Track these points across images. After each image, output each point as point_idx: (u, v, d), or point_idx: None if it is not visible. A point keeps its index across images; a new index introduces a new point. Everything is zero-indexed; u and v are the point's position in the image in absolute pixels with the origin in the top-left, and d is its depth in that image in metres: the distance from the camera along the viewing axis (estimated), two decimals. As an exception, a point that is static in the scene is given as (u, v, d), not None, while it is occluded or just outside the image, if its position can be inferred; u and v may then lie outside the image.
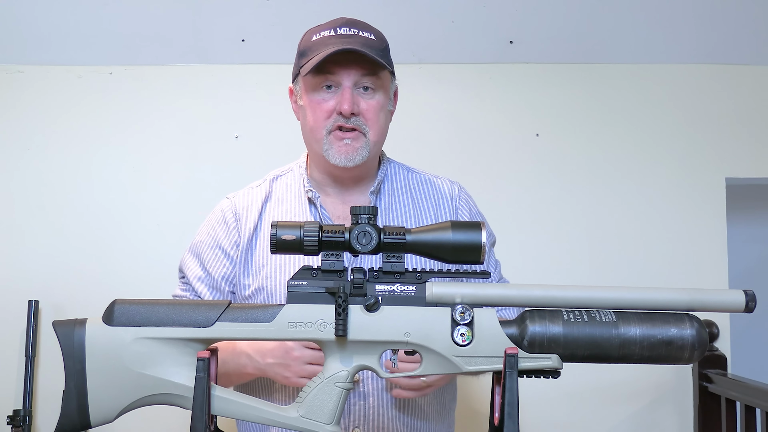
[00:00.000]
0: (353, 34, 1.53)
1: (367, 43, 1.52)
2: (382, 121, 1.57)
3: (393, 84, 1.62)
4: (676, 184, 2.66)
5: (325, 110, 1.53)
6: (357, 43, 1.51)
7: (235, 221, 1.60)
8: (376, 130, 1.55)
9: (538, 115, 2.67)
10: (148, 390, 1.11)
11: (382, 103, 1.56)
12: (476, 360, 1.10)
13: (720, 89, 2.69)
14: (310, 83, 1.54)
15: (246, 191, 1.66)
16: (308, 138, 1.59)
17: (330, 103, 1.53)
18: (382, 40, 1.57)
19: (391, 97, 1.61)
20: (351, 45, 1.50)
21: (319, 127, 1.54)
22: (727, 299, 1.14)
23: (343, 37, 1.52)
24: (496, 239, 1.75)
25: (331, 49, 1.49)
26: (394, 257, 1.13)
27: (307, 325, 1.11)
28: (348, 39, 1.51)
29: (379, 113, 1.56)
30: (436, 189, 1.66)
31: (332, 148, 1.53)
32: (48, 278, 2.55)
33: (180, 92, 2.64)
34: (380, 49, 1.55)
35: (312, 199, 1.60)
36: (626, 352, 1.10)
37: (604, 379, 2.54)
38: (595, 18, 2.60)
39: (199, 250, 1.63)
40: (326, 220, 1.58)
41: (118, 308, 1.12)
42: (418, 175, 1.69)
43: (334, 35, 1.52)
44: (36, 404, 2.51)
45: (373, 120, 1.54)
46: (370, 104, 1.54)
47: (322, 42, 1.52)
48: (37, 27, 2.54)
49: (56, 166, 2.60)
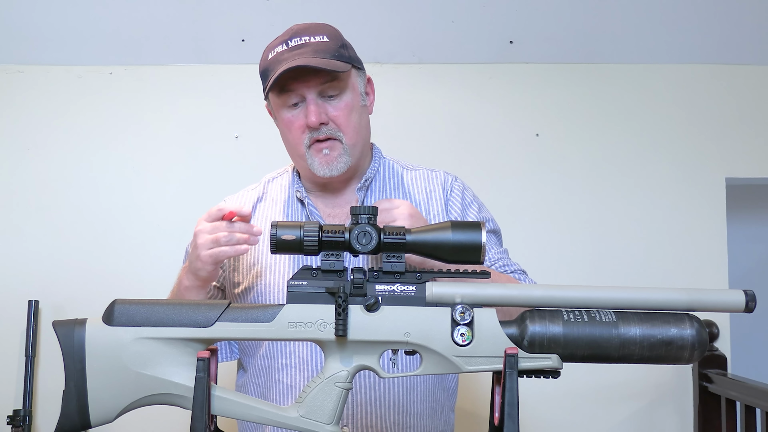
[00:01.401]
0: (304, 42, 1.50)
1: (320, 48, 1.50)
2: (355, 121, 1.54)
3: (361, 77, 1.59)
4: (676, 184, 2.66)
5: (297, 127, 1.53)
6: (308, 52, 1.48)
7: None
8: (351, 132, 1.53)
9: (538, 115, 2.67)
10: (148, 390, 1.11)
11: (352, 103, 1.54)
12: (476, 360, 1.10)
13: (720, 89, 2.69)
14: (277, 103, 1.55)
15: (241, 193, 1.68)
16: (292, 155, 1.60)
17: (300, 119, 1.52)
18: (336, 39, 1.54)
19: (362, 92, 1.58)
20: (301, 57, 1.47)
21: (298, 144, 1.54)
22: (727, 299, 1.14)
23: (294, 50, 1.50)
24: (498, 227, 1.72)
25: (283, 66, 1.47)
26: (394, 257, 1.13)
27: (307, 325, 1.11)
28: (299, 50, 1.49)
29: (350, 115, 1.53)
30: (428, 182, 1.65)
31: (314, 161, 1.53)
32: (48, 278, 2.55)
33: (180, 92, 2.64)
34: (335, 50, 1.51)
35: (302, 200, 1.60)
36: (626, 352, 1.10)
37: (604, 379, 2.54)
38: (595, 18, 2.60)
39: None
40: (316, 219, 1.58)
41: (118, 308, 1.12)
42: (411, 171, 1.67)
43: (286, 49, 1.50)
44: (36, 404, 2.51)
45: (344, 124, 1.52)
46: (338, 108, 1.52)
47: (276, 60, 1.51)
48: (37, 27, 2.54)
49: (56, 166, 2.60)
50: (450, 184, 1.65)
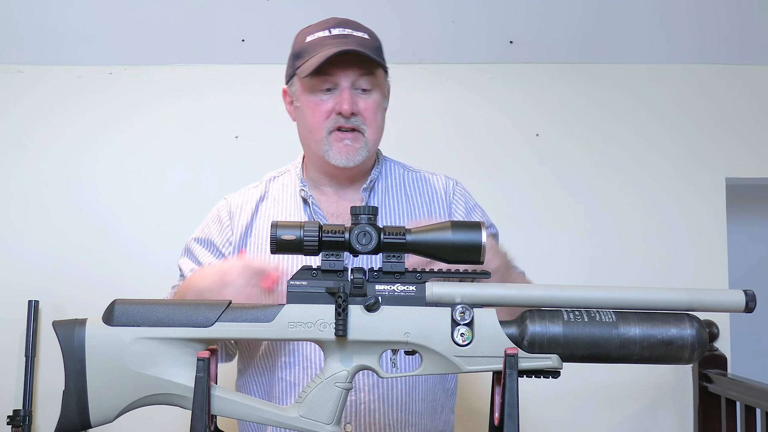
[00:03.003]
0: (348, 34, 1.53)
1: (363, 43, 1.53)
2: (379, 119, 1.58)
3: (387, 82, 1.63)
4: (676, 184, 2.66)
5: (324, 111, 1.54)
6: (353, 43, 1.51)
7: (229, 219, 1.62)
8: (374, 128, 1.57)
9: (538, 115, 2.67)
10: (148, 390, 1.11)
11: (379, 102, 1.57)
12: (476, 360, 1.10)
13: (720, 89, 2.69)
14: (308, 85, 1.55)
15: (243, 191, 1.68)
16: (307, 138, 1.60)
17: (328, 103, 1.54)
18: (375, 39, 1.58)
19: (386, 94, 1.62)
20: (348, 45, 1.50)
21: (318, 128, 1.55)
22: (727, 299, 1.14)
23: (338, 38, 1.52)
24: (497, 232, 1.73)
25: (332, 50, 1.49)
26: (394, 257, 1.13)
27: (307, 325, 1.11)
28: (344, 39, 1.52)
29: (377, 112, 1.57)
30: (430, 185, 1.67)
31: (332, 148, 1.54)
32: (48, 278, 2.55)
33: (180, 92, 2.64)
34: (375, 48, 1.56)
35: (305, 199, 1.60)
36: (626, 352, 1.11)
37: (604, 379, 2.54)
38: (595, 18, 2.60)
39: (192, 248, 1.64)
40: (320, 218, 1.58)
41: (118, 308, 1.12)
42: (414, 173, 1.69)
43: (329, 36, 1.53)
44: (36, 404, 2.51)
45: (371, 119, 1.55)
46: (368, 103, 1.55)
47: (318, 43, 1.52)
48: (37, 27, 2.54)
49: (56, 166, 2.60)
50: (452, 188, 1.68)
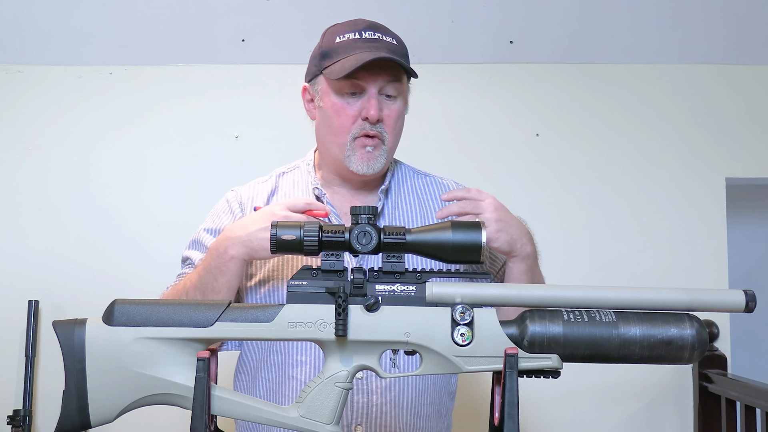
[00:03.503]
0: (378, 38, 1.51)
1: (393, 49, 1.51)
2: (399, 127, 1.57)
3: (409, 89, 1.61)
4: (676, 184, 2.66)
5: (350, 115, 1.52)
6: (384, 48, 1.49)
7: (240, 210, 1.60)
8: (394, 136, 1.56)
9: (538, 115, 2.67)
10: (148, 390, 1.11)
11: (401, 109, 1.56)
12: (476, 360, 1.10)
13: (720, 89, 2.69)
14: (335, 87, 1.53)
15: (252, 185, 1.66)
16: (328, 141, 1.57)
17: (354, 108, 1.52)
18: (402, 45, 1.56)
19: (407, 101, 1.60)
20: (379, 51, 1.48)
21: (344, 132, 1.53)
22: (727, 299, 1.14)
23: (368, 42, 1.50)
24: None
25: (365, 55, 1.46)
26: (394, 257, 1.13)
27: (307, 325, 1.11)
28: (375, 44, 1.50)
29: (398, 120, 1.56)
30: (442, 190, 1.67)
31: (355, 154, 1.53)
32: (48, 278, 2.55)
33: (180, 92, 2.64)
34: (403, 54, 1.54)
35: (319, 197, 1.60)
36: (626, 352, 1.10)
37: (604, 379, 2.54)
38: (595, 18, 2.60)
39: (202, 237, 1.61)
40: (333, 217, 1.58)
41: (118, 308, 1.12)
42: (424, 176, 1.69)
43: (359, 39, 1.51)
44: (36, 404, 2.51)
45: (392, 127, 1.54)
46: (392, 110, 1.53)
47: (349, 45, 1.50)
48: (37, 27, 2.55)
49: (56, 166, 2.60)
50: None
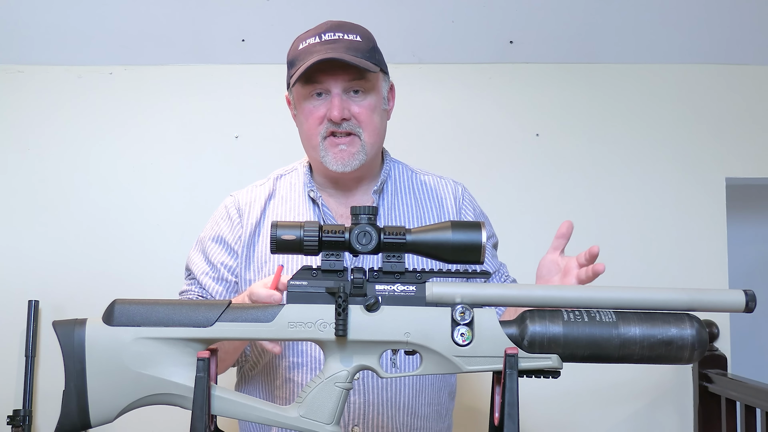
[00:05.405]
0: (338, 38, 1.52)
1: (353, 46, 1.52)
2: (377, 121, 1.57)
3: (386, 82, 1.61)
4: (676, 184, 2.66)
5: (316, 117, 1.54)
6: (341, 48, 1.50)
7: (238, 216, 1.62)
8: (371, 131, 1.55)
9: (538, 115, 2.67)
10: (148, 390, 1.11)
11: (374, 104, 1.56)
12: (476, 360, 1.10)
13: (720, 89, 2.69)
14: (301, 93, 1.55)
15: (249, 189, 1.67)
16: (305, 145, 1.60)
17: (321, 110, 1.53)
18: (368, 40, 1.56)
19: (384, 95, 1.60)
20: (334, 51, 1.49)
21: (313, 134, 1.55)
22: (727, 299, 1.14)
23: (327, 44, 1.51)
24: (498, 241, 1.75)
25: (315, 58, 1.48)
26: (394, 257, 1.13)
27: (307, 325, 1.11)
28: (332, 45, 1.51)
29: (373, 114, 1.55)
30: (439, 189, 1.67)
31: (328, 154, 1.54)
32: (48, 278, 2.55)
33: (180, 92, 2.64)
34: (366, 51, 1.53)
35: (315, 199, 1.60)
36: (626, 352, 1.10)
37: (604, 379, 2.54)
38: (595, 18, 2.60)
39: (203, 246, 1.64)
40: (329, 219, 1.58)
41: (118, 308, 1.12)
42: (421, 175, 1.69)
43: (318, 42, 1.52)
44: (36, 404, 2.51)
45: (366, 121, 1.54)
46: (361, 106, 1.54)
47: (308, 50, 1.52)
48: (37, 27, 2.54)
49: (56, 166, 2.60)
50: (461, 194, 1.68)
